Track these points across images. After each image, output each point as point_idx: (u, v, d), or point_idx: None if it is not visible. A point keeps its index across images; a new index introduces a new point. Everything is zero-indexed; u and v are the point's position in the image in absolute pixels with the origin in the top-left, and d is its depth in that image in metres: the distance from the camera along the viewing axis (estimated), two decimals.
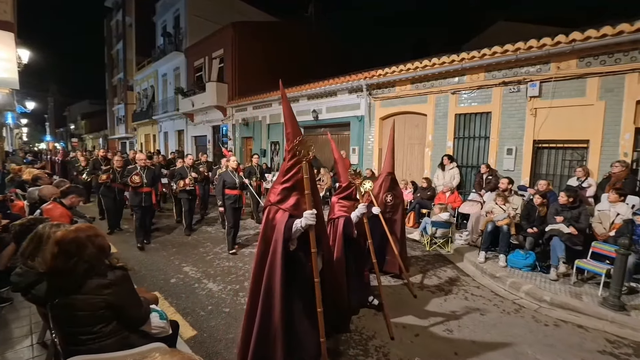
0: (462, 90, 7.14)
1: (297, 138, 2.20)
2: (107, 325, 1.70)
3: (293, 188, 2.24)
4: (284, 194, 2.23)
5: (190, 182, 6.39)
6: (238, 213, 5.49)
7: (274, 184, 2.35)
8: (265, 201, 2.33)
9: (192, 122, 17.05)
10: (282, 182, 2.25)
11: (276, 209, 2.22)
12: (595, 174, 5.42)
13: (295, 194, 2.24)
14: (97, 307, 1.66)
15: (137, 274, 4.44)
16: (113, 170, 6.31)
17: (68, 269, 1.64)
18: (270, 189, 2.36)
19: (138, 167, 5.60)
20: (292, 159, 2.22)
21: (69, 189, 3.94)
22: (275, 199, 2.24)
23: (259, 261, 2.24)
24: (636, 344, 3.02)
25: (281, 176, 2.29)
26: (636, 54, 5.00)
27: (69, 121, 41.14)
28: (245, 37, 14.01)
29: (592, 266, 4.00)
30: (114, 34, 26.93)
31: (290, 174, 2.23)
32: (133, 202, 5.56)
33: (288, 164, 2.24)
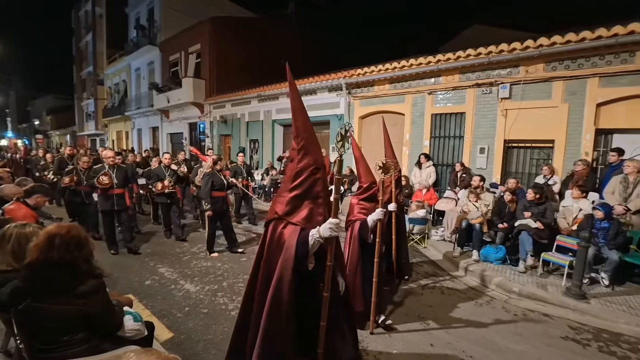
0: (438, 90, 7.35)
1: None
2: (78, 333, 1.63)
3: (305, 196, 1.82)
4: (293, 203, 1.81)
5: (170, 184, 5.80)
6: (225, 216, 5.27)
7: (280, 192, 1.93)
8: (269, 213, 1.92)
9: (168, 118, 16.51)
10: (292, 189, 1.82)
11: (284, 223, 1.80)
12: (560, 172, 5.75)
13: (308, 203, 1.83)
14: (69, 317, 1.58)
15: (109, 276, 4.24)
16: (77, 171, 5.69)
17: (65, 263, 1.57)
18: (275, 197, 1.96)
19: (106, 166, 4.95)
20: (303, 159, 1.80)
21: (33, 188, 3.71)
22: (282, 209, 1.81)
23: (258, 290, 1.81)
24: (595, 330, 3.25)
25: (288, 182, 1.85)
26: (597, 59, 5.35)
27: (33, 116, 38.67)
28: (223, 33, 13.71)
29: (557, 258, 4.25)
30: (82, 24, 25.51)
31: (300, 179, 1.80)
32: (104, 207, 4.95)
33: (298, 167, 1.80)
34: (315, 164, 1.83)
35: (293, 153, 1.85)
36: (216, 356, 2.68)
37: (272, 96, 11.13)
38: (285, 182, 1.92)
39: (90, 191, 5.62)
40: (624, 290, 3.94)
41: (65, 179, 5.58)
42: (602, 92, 5.39)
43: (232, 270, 4.57)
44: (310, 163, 1.81)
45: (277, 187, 9.18)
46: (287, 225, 1.79)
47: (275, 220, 1.83)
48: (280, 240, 1.77)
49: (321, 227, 1.73)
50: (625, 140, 5.37)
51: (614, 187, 4.58)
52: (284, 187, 1.90)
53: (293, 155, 1.86)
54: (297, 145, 1.82)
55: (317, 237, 1.72)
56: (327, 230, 1.71)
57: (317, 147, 1.87)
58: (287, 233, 1.77)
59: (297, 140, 1.82)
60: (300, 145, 1.81)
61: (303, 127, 1.82)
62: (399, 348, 2.86)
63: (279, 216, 1.82)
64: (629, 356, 2.84)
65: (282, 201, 1.84)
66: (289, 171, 1.89)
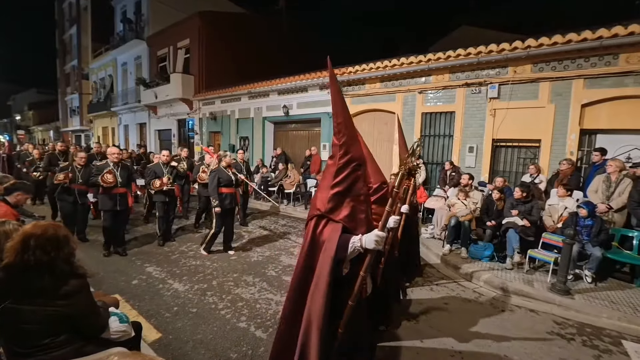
0: (428, 90, 7.41)
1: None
2: (59, 335, 1.57)
3: (346, 193, 1.77)
4: (335, 201, 1.76)
5: (169, 181, 5.48)
6: (231, 214, 5.10)
7: (321, 189, 1.87)
8: (310, 209, 1.90)
9: (156, 115, 16.19)
10: (333, 186, 1.77)
11: (325, 220, 1.76)
12: (546, 171, 5.88)
13: (350, 200, 1.77)
14: (50, 319, 1.52)
15: (95, 276, 4.14)
16: (72, 169, 5.31)
17: (43, 265, 1.50)
18: (316, 194, 1.91)
19: (110, 164, 4.69)
20: (345, 156, 1.76)
21: (14, 185, 3.58)
22: (324, 206, 1.76)
23: (299, 284, 1.79)
24: (579, 324, 3.34)
25: (329, 178, 1.80)
26: (582, 61, 5.48)
27: (14, 111, 37.37)
28: (213, 28, 13.49)
29: (543, 255, 4.35)
30: (66, 17, 24.73)
31: (342, 176, 1.76)
32: (105, 207, 4.66)
33: (340, 163, 1.77)
34: (358, 160, 1.79)
35: (334, 149, 1.82)
36: (205, 356, 2.65)
37: (263, 93, 11.03)
38: (325, 178, 1.88)
39: (84, 190, 5.36)
40: (606, 286, 4.06)
41: (59, 176, 5.13)
42: (586, 93, 5.52)
43: (221, 269, 4.52)
44: (353, 159, 1.77)
45: (267, 185, 9.12)
46: (328, 223, 1.75)
47: (316, 217, 1.78)
48: (320, 239, 1.73)
49: (365, 237, 1.66)
50: (607, 141, 5.54)
51: (597, 186, 4.71)
52: (325, 184, 1.84)
53: (334, 152, 1.82)
54: (339, 141, 1.77)
55: (357, 245, 1.66)
56: (371, 242, 1.63)
57: (358, 143, 1.83)
58: (327, 232, 1.72)
59: (339, 136, 1.77)
60: (342, 141, 1.76)
61: (345, 123, 1.77)
62: (388, 343, 2.87)
63: (320, 213, 1.77)
64: (611, 349, 2.92)
65: (324, 198, 1.78)
66: (330, 167, 1.84)
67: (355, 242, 1.66)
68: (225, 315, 3.29)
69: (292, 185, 8.84)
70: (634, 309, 3.47)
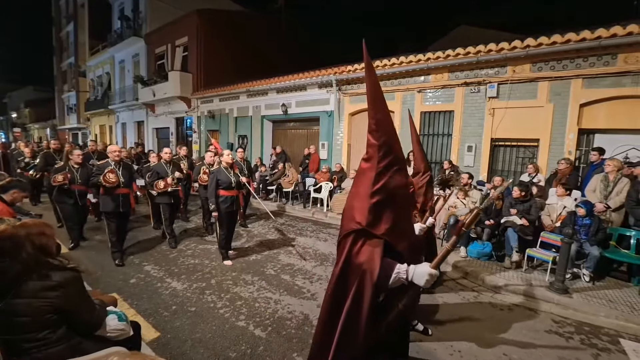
0: (427, 89, 7.41)
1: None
2: (54, 331, 1.55)
3: (388, 201, 1.50)
4: (376, 212, 1.48)
5: (173, 182, 5.16)
6: (234, 218, 4.78)
7: (356, 197, 1.58)
8: (345, 221, 1.59)
9: (153, 113, 16.11)
10: (373, 194, 1.48)
11: (364, 237, 1.49)
12: (544, 170, 5.90)
13: (391, 210, 1.51)
14: (42, 312, 1.50)
15: (92, 275, 4.13)
16: (70, 169, 4.96)
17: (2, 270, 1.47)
18: (351, 203, 1.61)
19: (112, 163, 4.43)
20: (385, 158, 1.48)
21: (10, 183, 3.56)
22: (365, 219, 1.47)
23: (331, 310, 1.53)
24: (577, 323, 3.35)
25: (367, 184, 1.51)
26: (581, 61, 5.49)
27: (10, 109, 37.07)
28: (211, 26, 13.43)
29: (541, 254, 4.36)
30: (63, 13, 24.55)
31: (383, 181, 1.48)
32: (106, 208, 4.39)
33: (380, 167, 1.48)
34: (399, 163, 1.54)
35: (371, 150, 1.52)
36: (204, 355, 2.64)
37: (262, 91, 11.00)
38: (360, 184, 1.57)
39: (84, 191, 5.10)
40: (603, 285, 4.08)
41: (57, 177, 4.75)
42: (585, 93, 5.54)
43: (219, 267, 4.50)
44: (393, 162, 1.51)
45: (265, 184, 9.10)
46: (367, 241, 1.49)
47: (355, 233, 1.50)
48: (357, 260, 1.48)
49: (414, 271, 1.44)
50: (605, 140, 5.56)
51: (595, 185, 4.73)
52: (361, 191, 1.54)
53: (371, 153, 1.52)
54: (378, 141, 1.48)
55: (403, 277, 1.44)
56: (422, 280, 1.42)
57: (398, 143, 1.56)
58: (366, 253, 1.47)
59: (378, 135, 1.48)
60: (382, 140, 1.48)
61: (384, 120, 1.49)
62: None
63: (361, 227, 1.48)
64: (609, 348, 2.94)
65: (363, 208, 1.49)
66: (367, 171, 1.54)
67: (400, 273, 1.44)
68: (224, 314, 3.27)
69: (291, 184, 8.83)
70: (632, 307, 3.49)
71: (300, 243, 5.73)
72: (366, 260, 1.45)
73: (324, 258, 4.99)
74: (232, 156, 4.66)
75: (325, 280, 4.16)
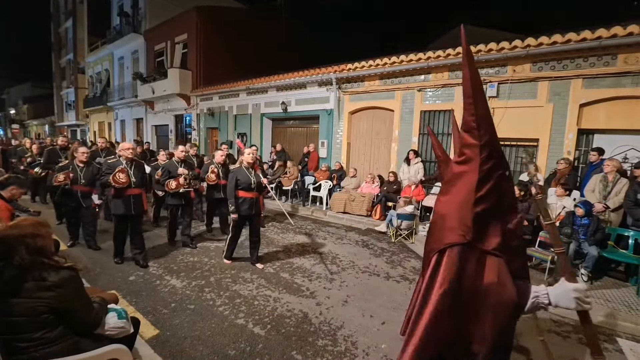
0: (427, 88, 7.40)
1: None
2: (51, 330, 1.55)
3: (495, 212, 1.31)
4: (481, 222, 1.28)
5: (185, 182, 4.82)
6: (253, 221, 4.44)
7: (451, 204, 1.37)
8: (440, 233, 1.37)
9: (152, 110, 16.06)
10: (477, 202, 1.28)
11: (477, 253, 1.27)
12: (543, 170, 5.91)
13: (498, 221, 1.31)
14: (39, 312, 1.50)
15: (90, 272, 4.12)
16: (73, 167, 4.61)
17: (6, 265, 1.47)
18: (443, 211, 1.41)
19: (123, 161, 4.10)
20: (488, 160, 1.28)
21: (8, 180, 3.54)
22: (470, 231, 1.27)
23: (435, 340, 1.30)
24: (575, 322, 3.36)
25: (466, 190, 1.31)
26: (581, 61, 5.49)
27: (8, 105, 36.92)
28: (210, 23, 13.37)
29: (539, 254, 4.38)
30: (62, 9, 24.41)
31: (487, 187, 1.28)
32: (117, 211, 4.11)
33: (483, 170, 1.28)
34: (503, 167, 1.34)
35: (469, 152, 1.32)
36: (203, 353, 2.64)
37: (261, 89, 10.97)
38: (458, 190, 1.36)
39: (88, 192, 4.78)
40: (601, 285, 4.10)
41: (59, 176, 4.42)
42: (585, 93, 5.54)
43: (219, 265, 4.50)
44: (498, 165, 1.31)
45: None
46: (484, 258, 1.27)
47: (460, 247, 1.27)
48: (476, 281, 1.25)
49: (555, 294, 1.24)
50: (605, 141, 5.57)
51: (594, 185, 4.74)
52: (460, 199, 1.33)
53: (470, 155, 1.32)
54: (479, 140, 1.27)
55: (544, 302, 1.25)
56: (569, 301, 1.22)
57: (499, 143, 1.36)
58: (491, 275, 1.24)
59: (479, 133, 1.27)
60: (484, 140, 1.27)
61: (486, 116, 1.29)
62: (388, 342, 2.88)
63: (467, 241, 1.27)
64: (606, 347, 2.95)
65: (465, 217, 1.29)
66: (466, 175, 1.32)
67: (540, 297, 1.25)
68: (223, 312, 3.28)
69: (291, 181, 8.83)
70: (629, 307, 3.51)
71: (299, 241, 5.73)
72: (494, 283, 1.22)
73: (323, 256, 5.00)
74: (253, 155, 4.32)
75: (324, 278, 4.17)
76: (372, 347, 2.80)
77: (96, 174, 4.57)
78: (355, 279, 4.22)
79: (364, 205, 7.30)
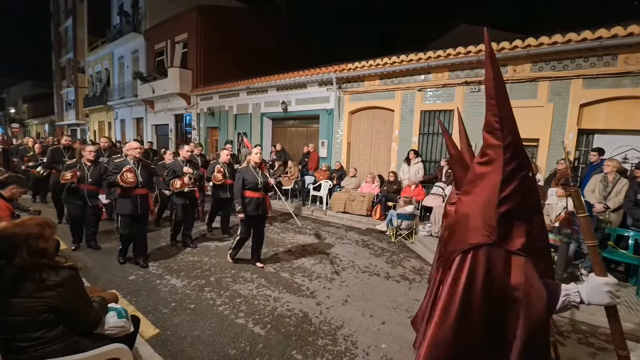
0: (427, 87, 7.40)
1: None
2: (51, 330, 1.55)
3: (519, 212, 1.29)
4: (506, 223, 1.27)
5: (190, 181, 4.79)
6: (259, 221, 4.39)
7: (474, 205, 1.36)
8: (463, 234, 1.35)
9: (152, 109, 16.06)
10: (501, 203, 1.27)
11: (503, 253, 1.26)
12: (543, 170, 5.91)
13: (523, 223, 1.29)
14: (39, 311, 1.50)
15: (90, 271, 4.13)
16: (81, 166, 4.60)
17: (10, 264, 1.47)
18: (465, 211, 1.39)
19: (130, 161, 4.08)
20: (512, 161, 1.27)
21: (8, 179, 3.54)
22: (495, 231, 1.26)
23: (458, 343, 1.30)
24: (573, 322, 3.38)
25: (489, 191, 1.31)
26: (581, 61, 5.50)
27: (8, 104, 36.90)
28: (211, 22, 13.37)
29: None
30: (62, 8, 24.40)
31: (511, 188, 1.27)
32: (123, 210, 4.08)
33: (507, 171, 1.28)
34: (527, 166, 1.33)
35: (492, 153, 1.32)
36: (203, 352, 2.64)
37: (261, 89, 10.97)
38: (481, 191, 1.35)
39: (95, 191, 4.74)
40: None
41: (66, 174, 4.41)
42: (585, 93, 5.54)
43: (219, 264, 4.50)
44: (522, 166, 1.30)
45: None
46: (510, 258, 1.25)
47: (486, 247, 1.26)
48: (503, 282, 1.23)
49: (586, 290, 1.22)
50: (605, 141, 5.57)
51: (594, 185, 4.74)
52: (483, 199, 1.31)
53: (493, 156, 1.32)
54: (503, 141, 1.28)
55: (576, 300, 1.22)
56: (602, 296, 1.20)
57: (522, 143, 1.35)
58: (518, 275, 1.23)
59: (503, 134, 1.28)
60: (508, 141, 1.27)
61: (510, 117, 1.30)
62: (388, 342, 2.88)
63: (492, 242, 1.26)
64: (606, 347, 2.95)
65: (488, 218, 1.28)
66: (488, 176, 1.32)
67: (570, 295, 1.22)
68: (223, 312, 3.28)
69: (291, 181, 8.83)
70: (629, 307, 3.51)
71: (299, 241, 5.73)
72: (522, 283, 1.20)
73: (322, 256, 5.00)
74: (260, 155, 4.31)
75: (324, 278, 4.17)
76: (372, 347, 2.81)
77: (103, 173, 4.57)
78: (355, 278, 4.23)
79: (364, 205, 7.30)
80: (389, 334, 3.01)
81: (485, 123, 1.34)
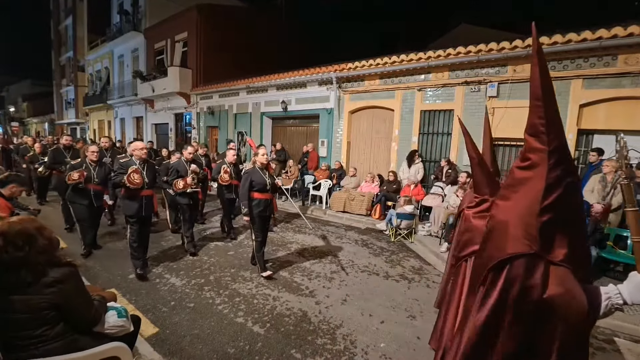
0: (427, 87, 7.40)
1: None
2: (51, 327, 1.55)
3: (561, 222, 1.20)
4: (546, 232, 1.19)
5: (193, 181, 4.74)
6: (267, 223, 4.32)
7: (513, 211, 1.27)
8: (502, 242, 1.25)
9: (152, 108, 16.05)
10: (543, 211, 1.18)
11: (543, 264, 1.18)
12: None
13: (566, 233, 1.21)
14: (40, 308, 1.50)
15: (90, 270, 4.13)
16: (87, 166, 4.53)
17: (19, 261, 1.47)
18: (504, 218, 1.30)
19: (136, 162, 3.98)
20: (557, 167, 1.17)
21: (8, 178, 3.54)
22: (536, 241, 1.18)
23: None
24: None
25: (531, 198, 1.21)
26: (581, 61, 5.50)
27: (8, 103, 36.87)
28: (211, 21, 13.36)
29: None
30: (61, 7, 24.38)
31: (555, 196, 1.18)
32: (128, 211, 3.97)
33: (551, 177, 1.17)
34: (573, 174, 1.23)
35: (535, 157, 1.22)
36: (202, 351, 2.65)
37: (261, 88, 10.96)
38: (519, 198, 1.26)
39: (100, 191, 4.66)
40: (599, 285, 4.10)
41: (73, 175, 4.31)
42: (585, 93, 5.55)
43: (218, 264, 4.51)
44: (567, 172, 1.20)
45: None
46: (550, 268, 1.17)
47: (527, 258, 1.18)
48: (542, 294, 1.16)
49: (629, 290, 1.16)
50: (604, 141, 5.57)
51: (593, 185, 4.75)
52: (524, 206, 1.22)
53: (536, 160, 1.22)
54: (549, 146, 1.17)
55: (619, 302, 1.16)
56: None
57: (568, 148, 1.26)
58: (557, 285, 1.15)
59: (548, 139, 1.17)
60: (554, 145, 1.17)
61: (556, 119, 1.19)
62: (387, 341, 2.89)
63: (534, 252, 1.17)
64: (604, 347, 2.97)
65: (528, 227, 1.19)
66: (530, 181, 1.23)
67: (612, 298, 1.16)
68: (223, 310, 3.28)
69: (291, 180, 8.83)
70: (629, 307, 3.52)
71: (299, 240, 5.74)
72: (561, 294, 1.13)
73: (322, 255, 5.01)
74: (267, 156, 4.21)
75: (324, 277, 4.18)
76: (371, 346, 2.81)
77: (108, 174, 4.54)
78: (354, 278, 4.23)
79: (364, 205, 7.31)
80: (388, 333, 3.02)
81: (529, 125, 1.23)
